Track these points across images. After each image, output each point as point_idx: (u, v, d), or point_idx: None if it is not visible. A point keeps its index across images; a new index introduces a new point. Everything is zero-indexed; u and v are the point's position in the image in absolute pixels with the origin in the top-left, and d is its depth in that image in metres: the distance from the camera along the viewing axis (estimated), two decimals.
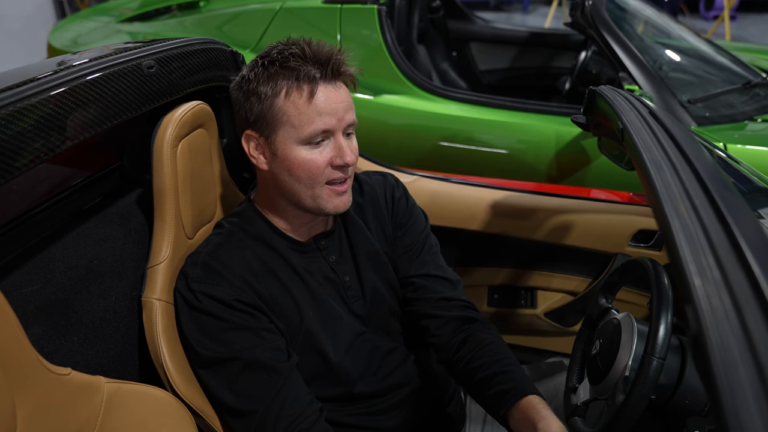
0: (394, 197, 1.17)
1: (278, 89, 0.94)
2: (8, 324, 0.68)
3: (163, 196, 1.01)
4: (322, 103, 0.93)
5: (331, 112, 0.94)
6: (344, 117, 0.96)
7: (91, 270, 1.00)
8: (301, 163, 0.95)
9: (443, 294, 1.11)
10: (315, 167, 0.95)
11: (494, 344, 1.04)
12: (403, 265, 1.14)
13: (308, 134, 0.93)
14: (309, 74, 0.93)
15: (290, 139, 0.95)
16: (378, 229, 1.14)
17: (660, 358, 0.83)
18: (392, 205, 1.16)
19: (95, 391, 0.83)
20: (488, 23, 3.36)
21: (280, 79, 0.94)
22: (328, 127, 0.94)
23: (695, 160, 0.69)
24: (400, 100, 2.19)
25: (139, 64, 0.97)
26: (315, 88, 0.93)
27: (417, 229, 1.17)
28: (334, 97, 0.95)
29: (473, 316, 1.10)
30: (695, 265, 0.50)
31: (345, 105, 0.96)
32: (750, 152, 1.85)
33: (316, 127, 0.93)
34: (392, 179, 1.19)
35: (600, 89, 1.16)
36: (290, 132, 0.94)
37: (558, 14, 7.06)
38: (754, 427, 0.36)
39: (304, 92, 0.93)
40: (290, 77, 0.93)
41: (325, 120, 0.93)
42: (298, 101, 0.93)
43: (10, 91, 0.75)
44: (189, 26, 2.68)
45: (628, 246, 1.50)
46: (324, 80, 0.94)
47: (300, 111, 0.93)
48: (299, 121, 0.93)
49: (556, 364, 1.38)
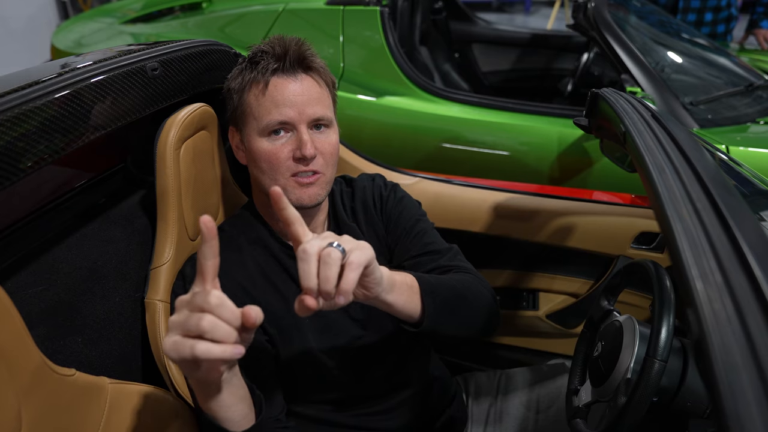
0: (382, 196, 1.16)
1: (244, 84, 0.99)
2: (13, 325, 0.68)
3: (166, 197, 1.02)
4: (278, 95, 0.96)
5: (288, 104, 0.95)
6: (305, 110, 0.96)
7: (94, 271, 1.01)
8: (262, 154, 0.97)
9: (431, 266, 1.06)
10: (274, 158, 0.96)
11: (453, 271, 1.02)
12: (398, 254, 1.12)
13: (265, 125, 0.96)
14: (266, 67, 0.96)
15: (254, 131, 0.98)
16: (371, 232, 1.13)
17: (662, 361, 0.83)
18: (381, 204, 1.16)
19: (99, 391, 0.83)
20: (490, 25, 3.36)
21: (246, 74, 0.99)
22: (285, 118, 0.95)
23: (697, 164, 0.70)
24: (402, 101, 2.19)
25: (144, 67, 0.98)
26: (269, 79, 0.96)
27: (406, 217, 1.14)
28: (293, 89, 0.96)
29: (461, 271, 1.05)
30: (697, 268, 0.50)
31: (305, 98, 0.96)
32: (752, 154, 1.85)
33: (272, 117, 0.96)
34: (380, 180, 1.19)
35: (602, 92, 1.16)
36: (253, 124, 0.98)
37: (560, 15, 7.06)
38: (756, 430, 0.36)
39: (260, 84, 0.97)
40: (253, 71, 0.98)
41: (282, 111, 0.95)
42: (257, 93, 0.97)
43: (15, 93, 0.76)
44: (192, 27, 2.69)
45: (630, 248, 1.50)
46: (282, 72, 0.97)
47: (259, 103, 0.97)
48: (258, 113, 0.97)
49: (558, 366, 1.38)
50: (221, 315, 0.61)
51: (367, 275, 0.73)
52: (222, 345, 0.60)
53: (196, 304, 0.61)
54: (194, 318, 0.60)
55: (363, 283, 0.75)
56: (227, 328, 0.61)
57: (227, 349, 0.60)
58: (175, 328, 0.62)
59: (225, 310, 0.61)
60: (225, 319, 0.61)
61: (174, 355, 0.61)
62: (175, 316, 0.63)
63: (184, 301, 0.63)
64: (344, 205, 1.15)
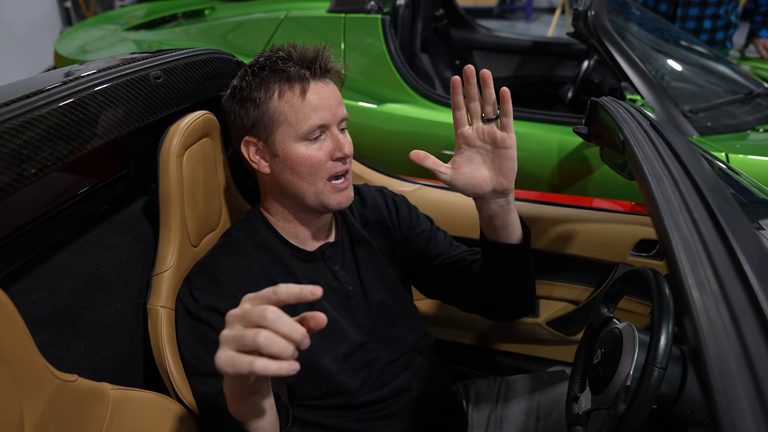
0: (396, 202, 1.23)
1: (271, 92, 0.99)
2: (17, 331, 0.69)
3: (168, 204, 1.03)
4: (315, 100, 0.98)
5: (325, 107, 0.99)
6: (337, 111, 1.01)
7: (97, 278, 1.01)
8: (303, 159, 0.99)
9: (475, 257, 1.17)
10: (316, 161, 0.99)
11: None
12: (428, 257, 1.20)
13: (306, 130, 0.98)
14: (299, 73, 0.98)
15: (289, 138, 0.99)
16: (381, 238, 1.16)
17: (661, 368, 0.83)
18: (396, 212, 1.21)
19: (101, 397, 0.84)
20: (491, 32, 3.37)
21: (272, 83, 0.99)
22: (323, 121, 0.98)
23: (695, 173, 0.70)
24: (403, 108, 2.20)
25: (147, 75, 0.99)
26: (307, 85, 0.98)
27: (424, 224, 1.23)
28: (326, 92, 1.00)
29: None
30: (694, 277, 0.50)
31: (336, 100, 1.01)
32: (752, 162, 1.86)
33: (312, 122, 0.98)
34: (389, 191, 1.26)
35: (602, 101, 1.16)
36: (288, 130, 0.98)
37: (561, 23, 7.08)
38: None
39: (296, 91, 0.98)
40: (281, 79, 0.98)
41: (320, 115, 0.98)
42: (293, 100, 0.98)
43: (20, 102, 0.77)
44: (194, 34, 2.71)
45: (630, 255, 1.50)
46: (314, 78, 0.99)
47: (295, 109, 0.98)
48: (296, 119, 0.98)
49: (558, 373, 1.38)
50: (278, 329, 0.60)
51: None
52: (278, 362, 0.60)
53: (252, 319, 0.61)
54: (250, 333, 0.60)
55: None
56: (284, 343, 0.60)
57: (283, 366, 0.60)
58: (229, 342, 0.61)
59: (283, 324, 0.60)
60: (283, 333, 0.60)
61: (230, 370, 0.61)
62: (227, 330, 0.62)
63: (236, 316, 0.62)
64: (353, 210, 1.18)
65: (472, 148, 0.96)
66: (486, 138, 0.94)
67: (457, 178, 0.96)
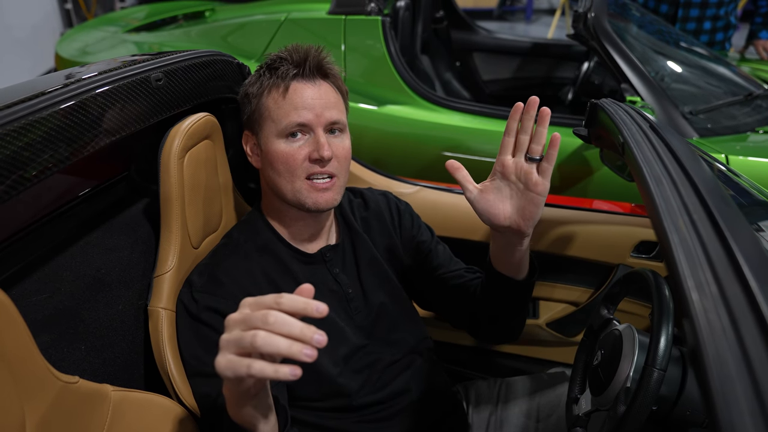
0: (399, 209, 1.23)
1: (262, 88, 1.02)
2: (18, 332, 0.69)
3: (169, 206, 1.03)
4: (297, 98, 0.99)
5: (307, 107, 0.99)
6: (323, 113, 1.00)
7: (98, 279, 1.01)
8: (280, 155, 1.00)
9: (471, 276, 1.18)
10: (292, 160, 0.99)
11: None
12: (427, 268, 1.20)
13: (284, 126, 0.99)
14: (286, 72, 1.00)
15: (271, 134, 1.01)
16: (383, 242, 1.16)
17: (661, 370, 0.84)
18: (399, 218, 1.22)
19: (102, 399, 0.84)
20: (491, 33, 3.37)
21: (264, 80, 1.02)
22: (303, 120, 0.99)
23: (694, 175, 0.70)
24: (403, 110, 2.20)
25: (148, 77, 0.99)
26: (290, 83, 1.00)
27: (426, 234, 1.23)
28: (311, 93, 1.00)
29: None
30: (693, 279, 0.50)
31: (323, 102, 1.01)
32: (752, 164, 1.86)
33: (291, 119, 0.99)
34: (393, 196, 1.26)
35: (601, 102, 1.17)
36: (271, 126, 1.01)
37: (561, 24, 7.09)
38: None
39: (281, 88, 1.00)
40: (272, 76, 1.01)
41: (300, 113, 0.99)
42: (276, 97, 1.00)
43: (22, 104, 0.77)
44: (194, 36, 2.71)
45: (630, 257, 1.50)
46: (301, 77, 1.01)
47: (278, 105, 1.00)
48: (277, 115, 1.00)
49: (558, 374, 1.38)
50: (280, 330, 0.59)
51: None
52: (276, 365, 0.59)
53: (253, 324, 0.60)
54: (249, 335, 0.59)
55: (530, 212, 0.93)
56: (283, 340, 0.59)
57: (281, 369, 0.59)
58: (229, 346, 0.62)
59: (284, 324, 0.59)
60: (284, 332, 0.59)
61: (229, 374, 0.61)
62: (226, 334, 0.63)
63: (236, 320, 0.62)
64: (354, 213, 1.17)
65: (505, 180, 0.95)
66: (521, 176, 0.93)
67: (480, 200, 0.95)
